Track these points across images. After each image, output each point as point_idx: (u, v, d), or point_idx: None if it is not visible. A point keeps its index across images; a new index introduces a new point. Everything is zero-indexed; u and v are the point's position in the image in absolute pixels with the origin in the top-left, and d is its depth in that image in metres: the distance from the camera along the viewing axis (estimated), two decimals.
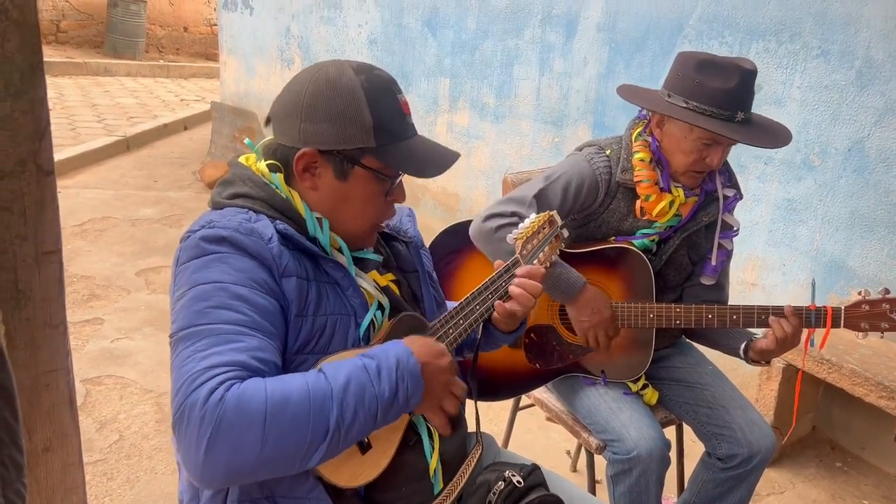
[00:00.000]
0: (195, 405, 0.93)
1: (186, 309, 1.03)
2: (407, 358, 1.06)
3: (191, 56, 11.84)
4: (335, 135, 1.12)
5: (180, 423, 0.94)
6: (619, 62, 3.29)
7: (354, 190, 1.16)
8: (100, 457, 2.48)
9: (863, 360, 2.35)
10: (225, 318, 1.01)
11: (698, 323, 1.74)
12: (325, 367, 1.03)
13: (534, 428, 2.82)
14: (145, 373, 2.99)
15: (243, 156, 1.23)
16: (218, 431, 0.92)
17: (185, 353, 0.99)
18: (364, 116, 1.12)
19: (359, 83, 1.13)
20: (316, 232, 1.16)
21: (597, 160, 1.79)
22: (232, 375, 0.96)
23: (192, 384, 0.94)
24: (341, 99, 1.12)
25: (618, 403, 1.81)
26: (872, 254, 2.54)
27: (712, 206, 1.83)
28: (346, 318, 1.15)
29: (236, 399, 0.93)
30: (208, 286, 1.04)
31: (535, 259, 1.33)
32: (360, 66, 1.16)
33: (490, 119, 4.06)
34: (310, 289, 1.12)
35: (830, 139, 2.60)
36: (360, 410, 1.01)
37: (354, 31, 4.95)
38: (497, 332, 1.36)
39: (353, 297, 1.17)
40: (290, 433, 0.96)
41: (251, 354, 1.00)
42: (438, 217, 4.47)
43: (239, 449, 0.93)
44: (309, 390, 0.98)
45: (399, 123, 1.16)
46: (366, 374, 1.03)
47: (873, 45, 2.44)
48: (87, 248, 4.25)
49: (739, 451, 1.80)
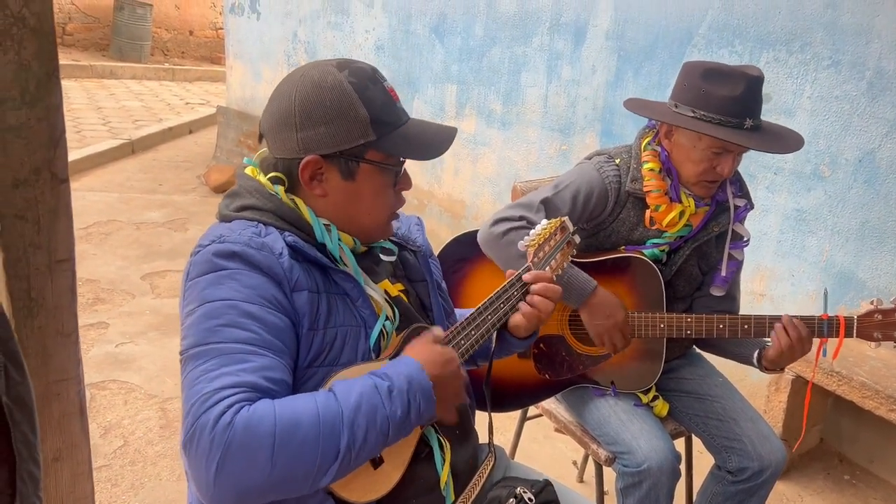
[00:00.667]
0: (205, 428, 0.92)
1: (196, 326, 1.02)
2: (419, 376, 1.06)
3: (196, 60, 11.88)
4: (335, 136, 1.12)
5: (190, 446, 0.94)
6: (628, 70, 3.29)
7: (364, 187, 1.16)
8: (104, 462, 2.47)
9: (873, 372, 2.34)
10: (235, 336, 1.01)
11: (709, 333, 1.73)
12: (336, 387, 1.02)
13: (540, 438, 2.80)
14: (150, 378, 2.98)
15: (248, 167, 1.22)
16: (227, 455, 0.91)
17: (195, 372, 0.99)
18: (359, 112, 1.11)
19: (345, 79, 1.12)
20: (324, 238, 1.15)
21: (606, 169, 1.79)
22: (242, 398, 0.95)
23: (202, 406, 0.94)
24: (333, 99, 1.11)
25: (628, 415, 1.80)
26: (883, 265, 2.52)
27: (723, 216, 1.82)
28: (356, 330, 1.14)
29: (245, 423, 0.93)
30: (218, 304, 1.03)
31: (546, 266, 1.32)
32: (341, 62, 1.15)
33: (497, 126, 4.05)
34: (320, 301, 1.12)
35: (841, 150, 2.59)
36: (372, 431, 1.00)
37: (361, 36, 4.95)
38: (512, 339, 1.35)
39: (363, 307, 1.16)
40: (300, 456, 0.95)
41: (261, 374, 0.99)
42: (445, 224, 4.46)
43: (248, 472, 0.93)
44: (319, 413, 0.97)
45: (392, 111, 1.15)
46: (377, 394, 1.02)
47: (885, 56, 2.43)
48: (92, 251, 4.25)
49: (750, 464, 1.79)
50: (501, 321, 1.26)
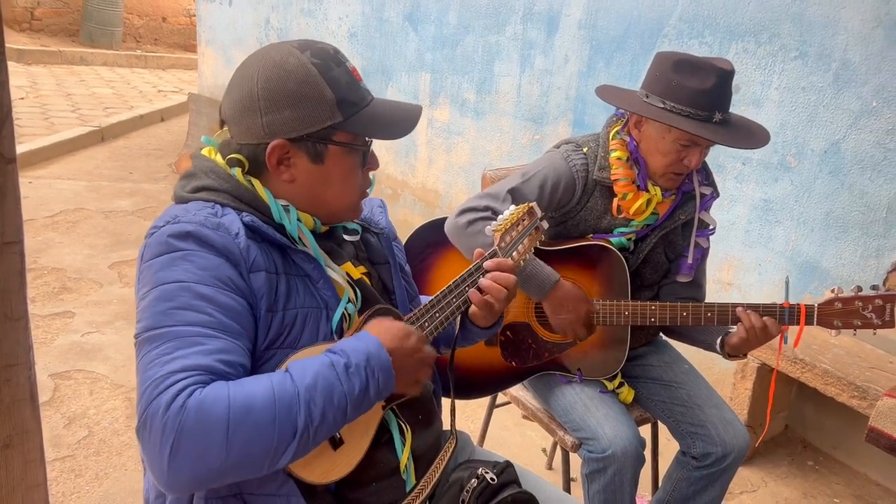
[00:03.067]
0: (157, 412, 0.91)
1: (150, 309, 1.01)
2: (377, 352, 1.05)
3: (169, 47, 11.69)
4: (301, 119, 1.10)
5: (143, 430, 0.92)
6: (600, 60, 3.29)
7: (333, 170, 1.14)
8: (67, 453, 2.44)
9: (835, 360, 2.38)
10: (189, 319, 0.99)
11: (673, 321, 1.74)
12: (292, 367, 1.01)
13: (510, 425, 2.81)
14: (116, 367, 2.94)
15: (206, 148, 1.20)
16: (180, 439, 0.90)
17: (148, 356, 0.97)
18: (325, 93, 1.10)
19: (308, 60, 1.10)
20: (282, 219, 1.13)
21: (574, 158, 1.79)
22: (195, 380, 0.94)
23: (155, 390, 0.92)
24: (297, 81, 1.09)
25: (593, 402, 1.81)
26: (847, 255, 2.56)
27: (689, 204, 1.83)
28: (316, 312, 1.13)
29: (198, 405, 0.91)
30: (172, 286, 1.01)
31: (513, 251, 1.31)
32: (302, 43, 1.13)
33: (471, 115, 4.04)
34: (279, 282, 1.10)
35: (807, 141, 2.62)
36: (329, 409, 0.99)
37: (335, 23, 4.91)
38: (474, 328, 1.34)
39: (324, 289, 1.14)
40: (256, 438, 0.94)
41: (216, 357, 0.97)
42: (418, 213, 4.44)
43: (203, 456, 0.91)
44: (274, 393, 0.96)
45: (357, 91, 1.14)
46: (333, 371, 1.01)
47: (850, 48, 2.46)
48: (59, 240, 4.18)
49: (714, 449, 1.81)
50: (466, 304, 1.26)
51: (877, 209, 2.47)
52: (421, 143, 4.38)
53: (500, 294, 1.25)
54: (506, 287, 1.25)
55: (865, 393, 2.23)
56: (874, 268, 2.51)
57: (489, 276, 1.25)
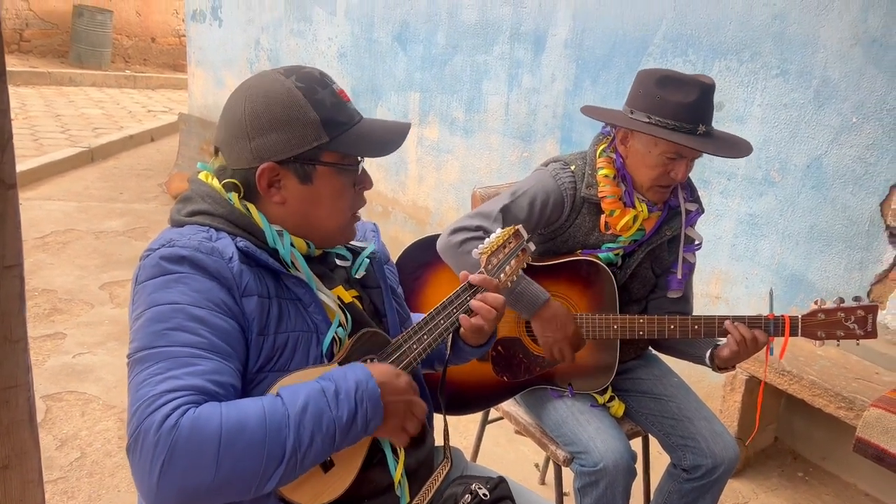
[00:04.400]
0: (149, 430, 0.92)
1: (144, 330, 1.02)
2: (366, 381, 1.07)
3: (158, 67, 11.73)
4: (287, 141, 1.12)
5: (134, 448, 0.93)
6: (586, 79, 3.34)
7: (323, 190, 1.16)
8: (60, 475, 2.43)
9: (822, 371, 2.41)
10: (182, 340, 1.01)
11: (661, 334, 1.77)
12: (283, 391, 1.03)
13: (503, 441, 2.83)
14: (108, 388, 2.94)
15: (203, 173, 1.22)
16: (171, 457, 0.91)
17: (141, 375, 0.99)
18: (309, 114, 1.12)
19: (292, 84, 1.13)
20: (276, 243, 1.15)
21: (562, 176, 1.82)
22: (187, 400, 0.95)
23: (148, 409, 0.94)
24: (281, 105, 1.12)
25: (584, 415, 1.83)
26: (831, 268, 2.61)
27: (675, 220, 1.87)
28: (307, 335, 1.15)
29: (190, 424, 0.93)
30: (166, 307, 1.03)
31: (500, 273, 1.34)
32: (288, 69, 1.17)
33: (460, 133, 4.08)
34: (271, 306, 1.12)
35: (790, 156, 2.67)
36: (318, 435, 1.01)
37: (324, 44, 4.95)
38: (466, 347, 1.36)
39: (315, 313, 1.17)
40: (245, 459, 0.95)
41: (208, 378, 0.99)
42: (409, 230, 4.47)
43: (192, 475, 0.93)
44: (265, 415, 0.98)
45: (343, 111, 1.16)
46: (324, 398, 1.03)
47: (829, 66, 2.52)
48: (49, 261, 4.17)
49: (703, 461, 1.83)
50: (455, 325, 1.28)
51: (859, 222, 2.52)
52: (411, 160, 4.42)
53: (489, 314, 1.26)
54: (494, 307, 1.27)
55: (852, 404, 2.26)
56: (858, 280, 2.56)
57: (479, 297, 1.27)
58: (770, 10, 2.64)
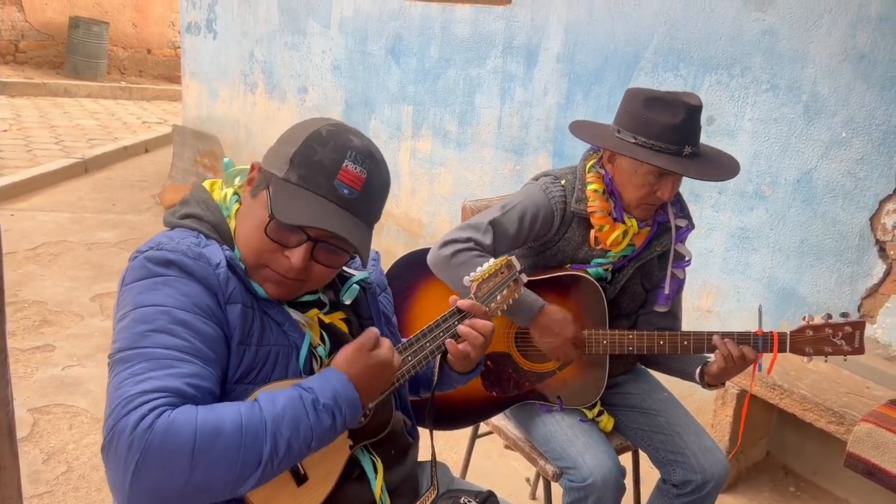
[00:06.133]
0: (124, 430, 0.92)
1: (127, 330, 1.02)
2: (345, 389, 1.07)
3: (154, 78, 11.74)
4: (268, 156, 1.16)
5: (109, 448, 0.93)
6: (578, 93, 3.36)
7: (253, 209, 1.13)
8: (46, 489, 2.40)
9: (813, 385, 2.41)
10: (165, 342, 1.01)
11: (650, 349, 1.77)
12: (261, 397, 1.03)
13: (493, 455, 2.81)
14: (97, 401, 2.91)
15: (209, 180, 1.24)
16: (145, 458, 0.91)
17: (121, 375, 0.98)
18: (291, 149, 1.11)
19: (317, 126, 1.13)
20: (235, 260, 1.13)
21: (552, 190, 1.82)
22: (164, 402, 0.95)
23: (124, 409, 0.94)
24: (294, 130, 1.15)
25: (573, 430, 1.82)
26: (822, 281, 2.61)
27: (665, 236, 1.87)
28: (287, 350, 1.15)
29: (165, 426, 0.92)
30: (151, 309, 1.03)
31: (491, 302, 1.34)
32: (339, 124, 1.15)
33: (453, 146, 4.09)
34: (254, 317, 1.12)
35: (780, 170, 2.68)
36: (295, 441, 1.01)
37: (318, 57, 4.97)
38: (452, 373, 1.36)
39: (291, 330, 1.16)
40: (221, 463, 0.95)
41: (186, 381, 0.99)
42: (402, 242, 4.47)
43: (165, 476, 0.92)
44: (242, 420, 0.98)
45: (320, 176, 1.09)
46: (301, 405, 1.03)
47: (819, 81, 2.54)
48: (40, 272, 4.15)
49: (693, 477, 1.82)
50: (440, 349, 1.27)
51: (849, 237, 2.53)
52: (404, 173, 4.42)
53: (476, 340, 1.26)
54: (482, 334, 1.26)
55: (843, 418, 2.26)
56: (849, 294, 2.56)
57: (467, 323, 1.26)
58: (760, 25, 2.66)
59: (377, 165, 1.14)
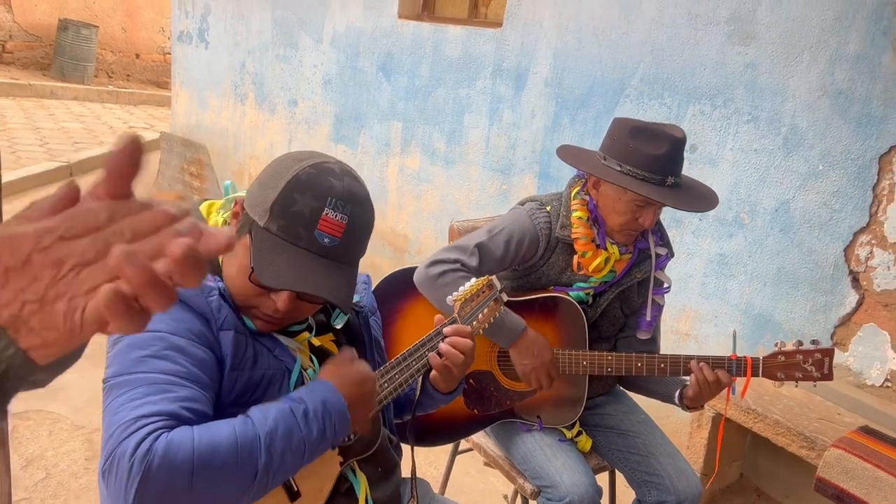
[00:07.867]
0: (124, 455, 0.94)
1: (123, 356, 1.05)
2: (333, 399, 1.09)
3: (142, 83, 11.72)
4: (250, 196, 1.13)
5: (109, 473, 0.95)
6: (565, 116, 3.43)
7: (237, 250, 1.13)
8: (24, 495, 2.40)
9: (786, 410, 2.47)
10: (160, 367, 1.03)
11: (628, 370, 1.82)
12: (252, 412, 1.06)
13: (472, 472, 2.84)
14: (77, 408, 2.91)
15: (208, 201, 1.25)
16: (146, 482, 0.93)
17: (117, 401, 1.01)
18: (271, 195, 1.09)
19: (299, 168, 1.10)
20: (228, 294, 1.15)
21: (538, 216, 1.87)
22: (161, 425, 0.98)
23: (123, 434, 0.96)
24: (276, 171, 1.12)
25: (552, 450, 1.86)
26: (797, 309, 2.68)
27: (645, 263, 1.92)
28: (281, 374, 1.19)
29: (164, 449, 0.95)
30: (146, 335, 1.05)
31: (473, 321, 1.39)
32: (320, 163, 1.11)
33: (441, 164, 4.14)
34: (247, 343, 1.15)
35: (759, 199, 2.75)
36: (288, 454, 1.04)
37: (310, 70, 5.01)
38: (436, 393, 1.40)
39: (282, 355, 1.20)
40: (219, 480, 0.98)
41: (182, 405, 1.02)
42: (388, 257, 4.50)
43: (167, 498, 0.95)
44: (237, 437, 1.00)
45: (300, 228, 1.08)
46: (293, 417, 1.05)
47: (798, 114, 2.62)
48: None
49: (668, 498, 1.87)
50: (425, 367, 1.31)
51: (824, 266, 2.60)
52: (391, 188, 4.46)
53: (456, 359, 1.30)
54: (462, 352, 1.31)
55: (814, 443, 2.31)
56: (822, 322, 2.63)
57: (447, 341, 1.31)
58: (743, 58, 2.74)
59: (359, 207, 1.12)
